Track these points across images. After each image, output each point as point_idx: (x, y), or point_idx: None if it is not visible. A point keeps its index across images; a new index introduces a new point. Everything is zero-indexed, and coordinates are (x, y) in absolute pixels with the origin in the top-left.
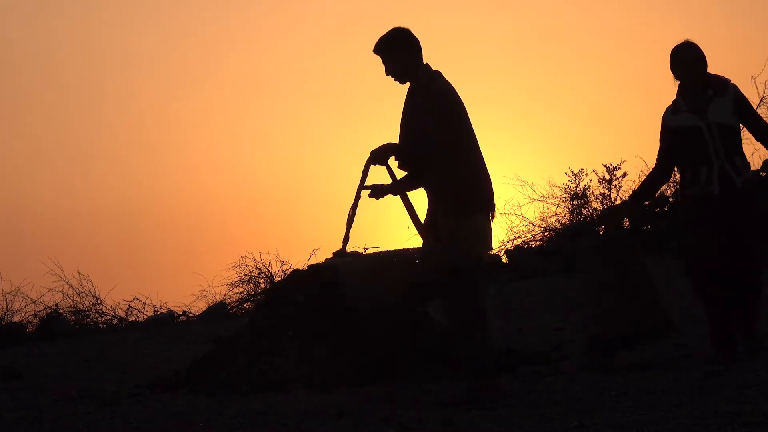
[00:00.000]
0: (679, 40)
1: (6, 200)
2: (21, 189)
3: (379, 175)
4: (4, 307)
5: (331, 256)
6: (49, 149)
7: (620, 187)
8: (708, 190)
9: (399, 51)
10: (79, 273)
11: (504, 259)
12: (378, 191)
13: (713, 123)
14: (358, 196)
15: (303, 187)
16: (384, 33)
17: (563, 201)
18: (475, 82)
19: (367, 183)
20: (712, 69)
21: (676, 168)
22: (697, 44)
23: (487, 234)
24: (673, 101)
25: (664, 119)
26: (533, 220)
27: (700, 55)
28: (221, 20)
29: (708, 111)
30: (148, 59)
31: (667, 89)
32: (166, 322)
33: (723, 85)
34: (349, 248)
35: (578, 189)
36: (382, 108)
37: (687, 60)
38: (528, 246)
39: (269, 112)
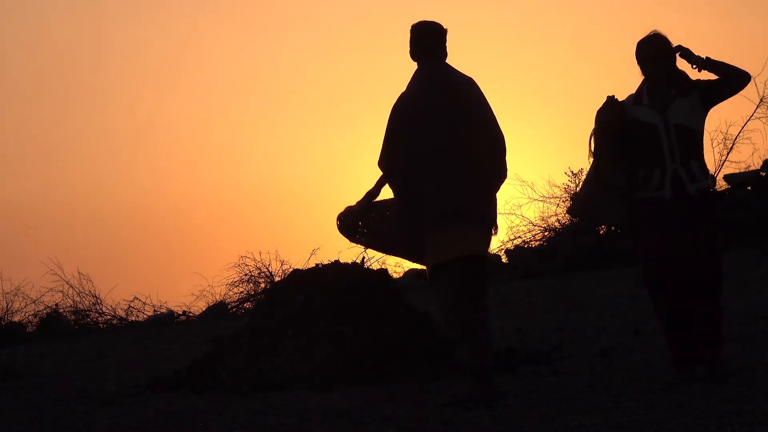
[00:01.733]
0: (674, 37)
1: (6, 200)
2: (21, 189)
3: None
4: (4, 307)
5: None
6: (49, 149)
7: None
8: (659, 194)
9: (410, 43)
10: (79, 273)
11: (504, 259)
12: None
13: (672, 123)
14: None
15: (303, 187)
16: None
17: (563, 201)
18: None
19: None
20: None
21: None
22: (665, 37)
23: (443, 243)
24: (637, 90)
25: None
26: (533, 220)
27: (664, 50)
28: (223, 19)
29: (668, 110)
30: (148, 59)
31: None
32: (166, 322)
33: (688, 84)
34: (350, 249)
35: (578, 189)
36: (382, 109)
37: (649, 55)
38: (528, 246)
39: (269, 113)
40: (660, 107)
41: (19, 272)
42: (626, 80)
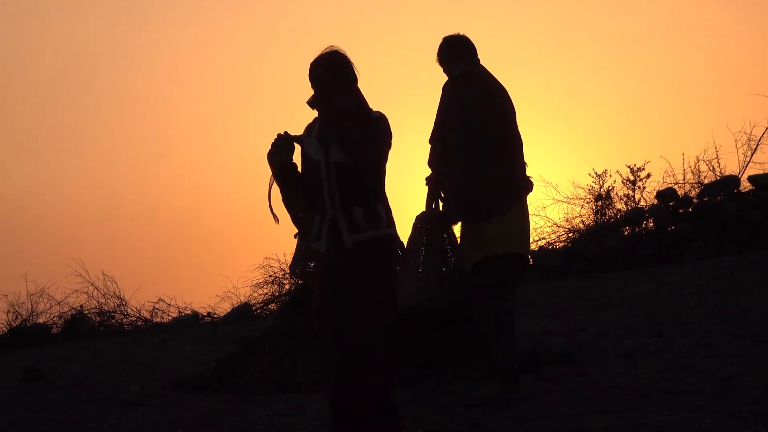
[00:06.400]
0: (697, 38)
1: (32, 202)
2: (46, 190)
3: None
4: (29, 309)
5: None
6: (75, 150)
7: (644, 188)
8: (316, 246)
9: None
10: (103, 274)
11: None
12: None
13: (332, 161)
14: None
15: None
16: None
17: (587, 202)
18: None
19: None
20: (730, 74)
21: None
22: (344, 55)
23: (485, 240)
24: (314, 119)
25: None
26: (557, 221)
27: (338, 72)
28: (234, 17)
29: (332, 146)
30: (170, 58)
31: (693, 89)
32: (190, 323)
33: (361, 116)
34: None
35: (602, 190)
36: (394, 105)
37: (317, 78)
38: (552, 247)
39: (294, 113)
40: (326, 140)
41: (44, 274)
42: (650, 80)
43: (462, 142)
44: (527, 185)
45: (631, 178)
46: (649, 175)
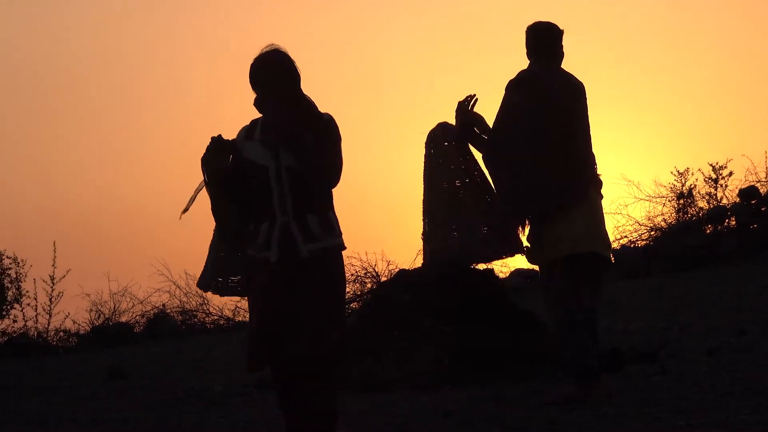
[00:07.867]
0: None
1: (115, 202)
2: (130, 190)
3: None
4: (112, 308)
5: None
6: (157, 150)
7: (726, 186)
8: (263, 256)
9: None
10: (186, 273)
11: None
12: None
13: (283, 166)
14: None
15: (409, 187)
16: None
17: (669, 200)
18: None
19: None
20: None
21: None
22: (286, 54)
23: (554, 240)
24: (252, 122)
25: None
26: (639, 220)
27: (282, 72)
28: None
29: (282, 149)
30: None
31: None
32: None
33: (311, 119)
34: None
35: (684, 188)
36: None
37: (259, 79)
38: (634, 245)
39: (371, 108)
40: (274, 144)
41: (126, 273)
42: (732, 77)
43: (522, 145)
44: (595, 182)
45: (714, 176)
46: (731, 174)
